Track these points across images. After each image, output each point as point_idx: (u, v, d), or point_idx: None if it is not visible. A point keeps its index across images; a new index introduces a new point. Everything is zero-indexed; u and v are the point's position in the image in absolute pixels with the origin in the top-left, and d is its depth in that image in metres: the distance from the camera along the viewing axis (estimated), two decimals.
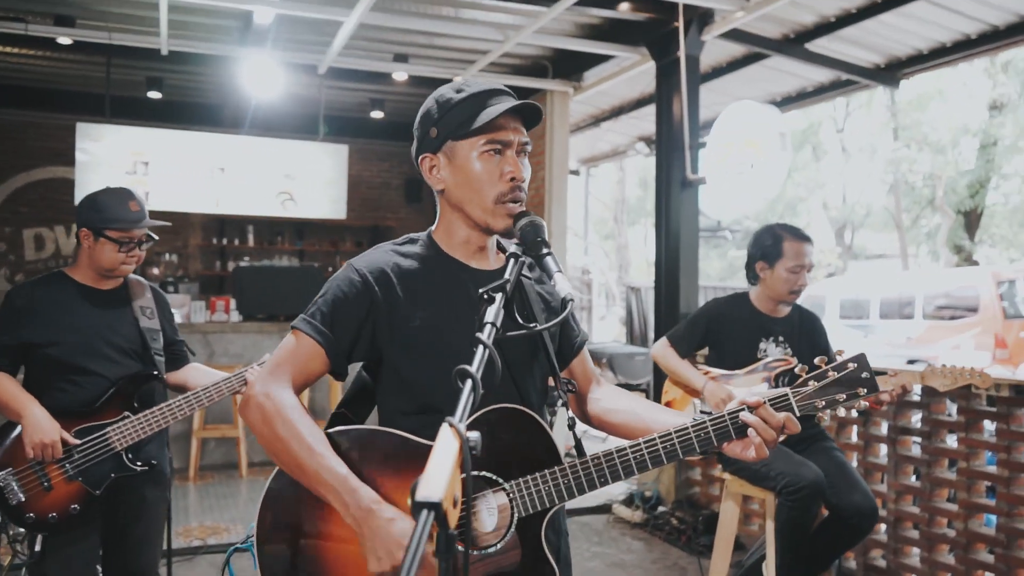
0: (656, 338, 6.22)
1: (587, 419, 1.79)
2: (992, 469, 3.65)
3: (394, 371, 1.57)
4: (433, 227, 1.67)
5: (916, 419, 3.99)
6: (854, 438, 4.29)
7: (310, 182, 7.74)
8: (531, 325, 1.55)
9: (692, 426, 1.46)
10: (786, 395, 1.47)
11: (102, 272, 2.69)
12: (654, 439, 1.47)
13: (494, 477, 1.51)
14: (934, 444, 3.88)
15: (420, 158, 1.60)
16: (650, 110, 7.87)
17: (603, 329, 19.57)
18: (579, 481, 1.49)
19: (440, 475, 0.86)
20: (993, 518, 3.63)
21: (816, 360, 1.47)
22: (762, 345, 3.25)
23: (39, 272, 9.35)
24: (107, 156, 7.22)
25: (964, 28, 5.81)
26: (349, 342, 1.54)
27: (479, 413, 1.47)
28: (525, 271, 1.65)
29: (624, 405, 1.71)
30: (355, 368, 1.73)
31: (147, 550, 2.81)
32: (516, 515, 1.49)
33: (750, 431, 1.43)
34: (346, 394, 1.75)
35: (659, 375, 3.52)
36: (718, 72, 7.15)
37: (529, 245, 1.50)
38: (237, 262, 10.02)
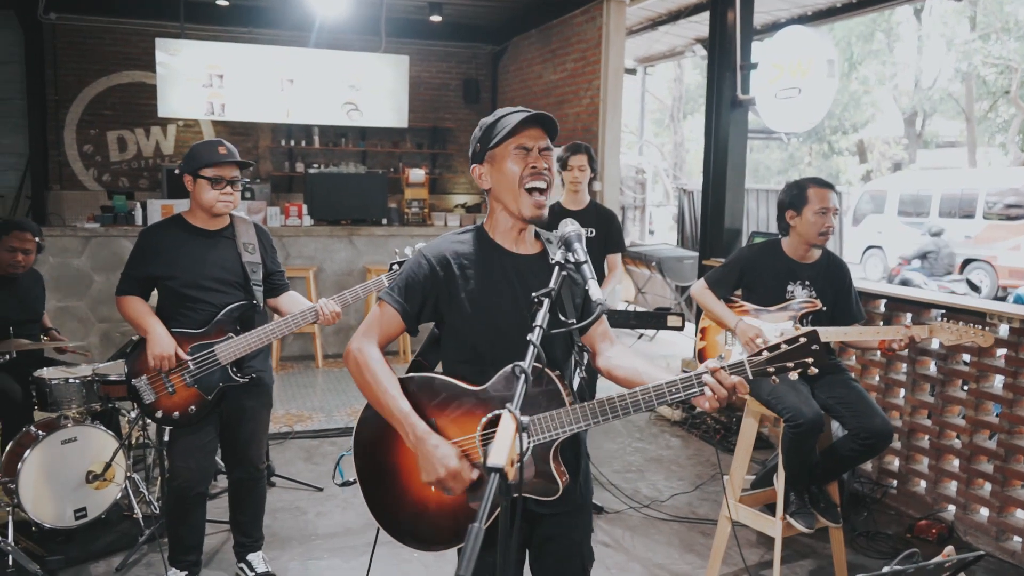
0: (702, 251, 6.56)
1: (599, 371, 2.20)
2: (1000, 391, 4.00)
3: (452, 330, 2.05)
4: (484, 221, 2.13)
5: (936, 341, 4.32)
6: (877, 355, 4.65)
7: (374, 93, 8.04)
8: (570, 322, 1.95)
9: (667, 383, 1.83)
10: (741, 362, 1.81)
11: (206, 211, 3.18)
12: (636, 391, 1.85)
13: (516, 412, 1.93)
14: (949, 365, 4.23)
15: (472, 169, 2.07)
16: (707, 15, 7.87)
17: (655, 229, 19.64)
18: (578, 418, 1.87)
19: (503, 447, 1.30)
20: (996, 434, 4.01)
21: (778, 335, 1.84)
22: (790, 287, 3.54)
23: (124, 173, 10.02)
24: (184, 70, 7.64)
25: None
26: (417, 309, 2.04)
27: (513, 365, 1.77)
28: (560, 257, 2.01)
29: (628, 363, 2.09)
30: (428, 325, 2.18)
31: (253, 445, 3.45)
32: (532, 442, 1.91)
33: (706, 389, 1.80)
34: (423, 345, 2.25)
35: (698, 309, 3.89)
36: None
37: (572, 251, 1.86)
38: (305, 163, 10.51)
